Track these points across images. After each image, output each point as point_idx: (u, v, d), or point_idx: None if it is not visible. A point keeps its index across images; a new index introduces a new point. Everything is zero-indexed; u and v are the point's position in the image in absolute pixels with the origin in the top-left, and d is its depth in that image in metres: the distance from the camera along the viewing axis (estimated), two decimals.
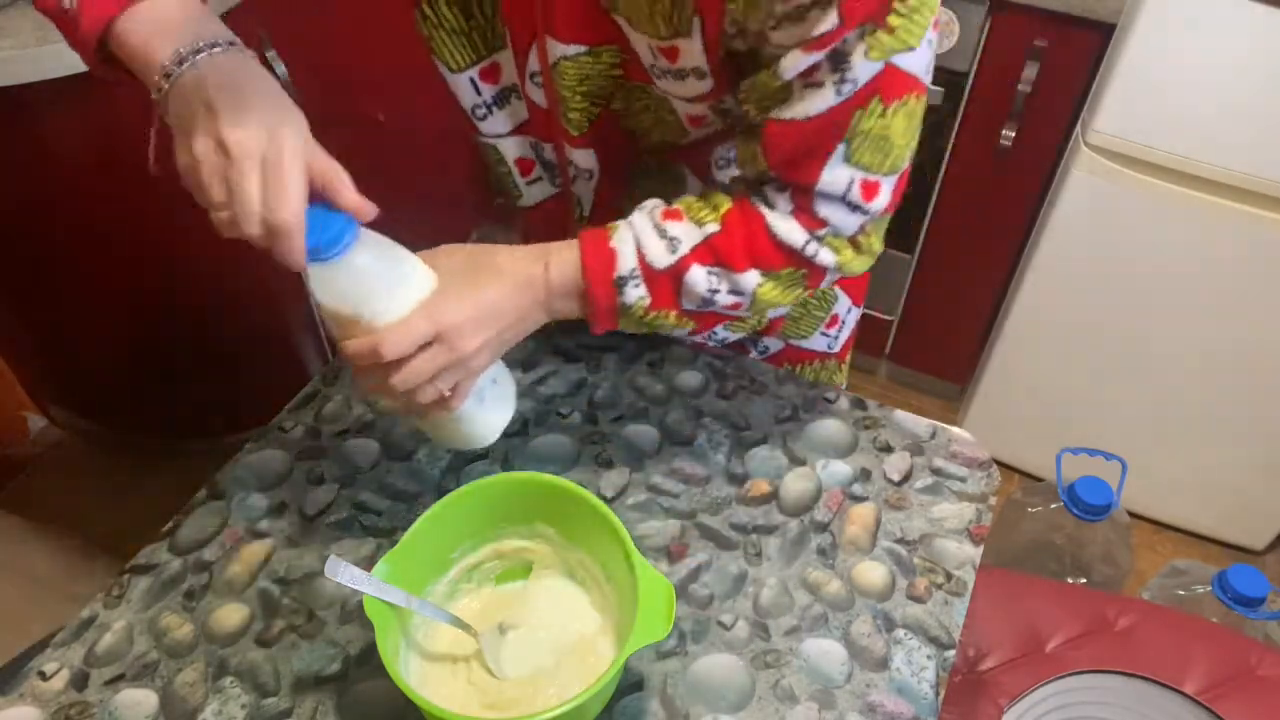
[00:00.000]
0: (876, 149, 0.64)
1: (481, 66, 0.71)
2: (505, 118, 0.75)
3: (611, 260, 0.67)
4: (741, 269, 0.68)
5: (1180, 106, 1.39)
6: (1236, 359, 1.60)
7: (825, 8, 0.56)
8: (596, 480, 0.84)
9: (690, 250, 0.67)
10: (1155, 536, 1.90)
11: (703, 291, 0.68)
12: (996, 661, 1.06)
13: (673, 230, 0.67)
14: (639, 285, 0.67)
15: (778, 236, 0.67)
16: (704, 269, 0.67)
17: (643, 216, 0.68)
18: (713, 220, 0.68)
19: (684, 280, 0.67)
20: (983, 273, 1.86)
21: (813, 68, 0.59)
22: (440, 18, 0.68)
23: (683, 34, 0.62)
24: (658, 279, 0.67)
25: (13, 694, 0.68)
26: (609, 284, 0.67)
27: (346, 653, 0.71)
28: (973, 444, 0.89)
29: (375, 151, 1.90)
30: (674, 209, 0.69)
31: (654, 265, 0.67)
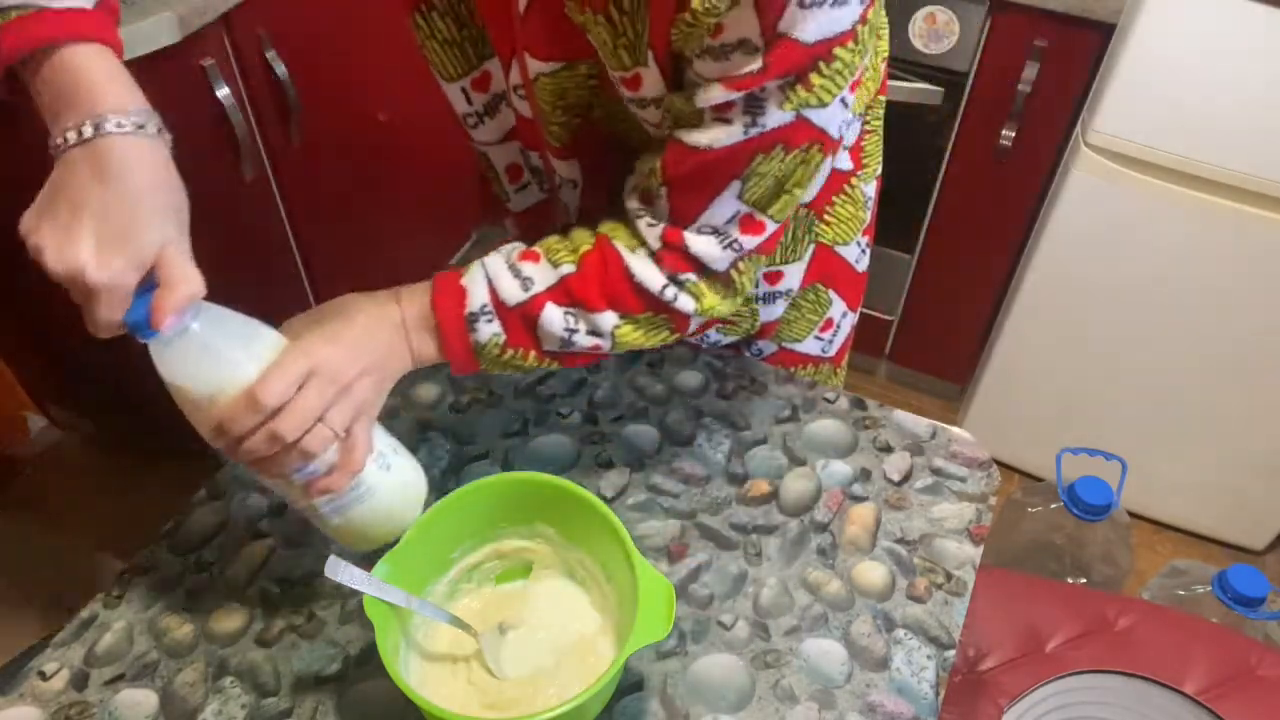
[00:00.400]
0: (769, 190, 0.64)
1: (473, 76, 0.71)
2: (495, 126, 0.76)
3: (462, 297, 0.66)
4: (598, 309, 0.67)
5: (1180, 106, 1.39)
6: (1236, 359, 1.60)
7: (750, 52, 0.56)
8: (596, 480, 0.84)
9: (544, 289, 0.67)
10: (1155, 536, 1.90)
11: (559, 331, 0.67)
12: (996, 661, 1.06)
13: (527, 270, 0.67)
14: (491, 321, 0.67)
15: (635, 279, 0.66)
16: (559, 308, 0.67)
17: (497, 257, 0.68)
18: (569, 261, 0.67)
19: (539, 319, 0.67)
20: (983, 273, 1.86)
21: (727, 104, 0.59)
22: (433, 28, 0.68)
23: (641, 64, 0.63)
24: (511, 316, 0.67)
25: (13, 694, 0.68)
26: (460, 320, 0.67)
27: (346, 653, 0.71)
28: (973, 444, 0.89)
29: (375, 151, 1.91)
30: (532, 250, 0.69)
31: (506, 302, 0.67)
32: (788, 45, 0.56)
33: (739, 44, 0.57)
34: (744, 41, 0.56)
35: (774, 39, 0.56)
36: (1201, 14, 1.31)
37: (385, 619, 0.62)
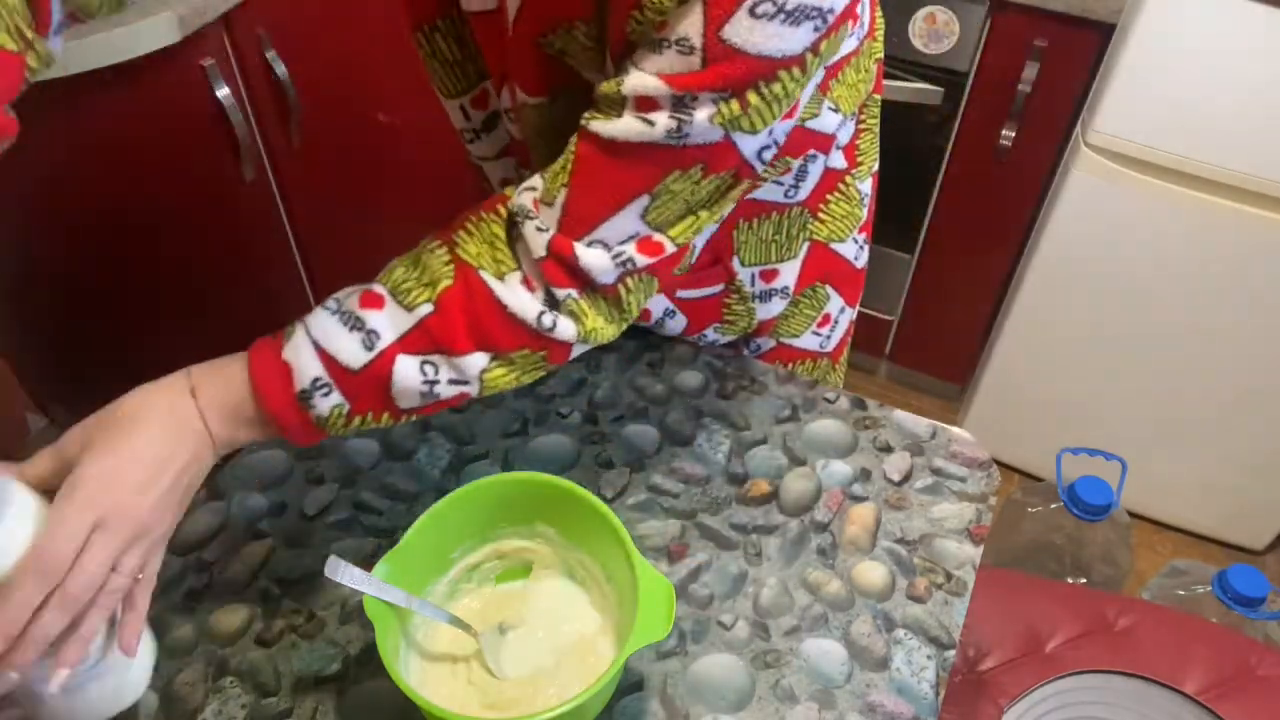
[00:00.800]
0: (676, 212, 0.59)
1: (472, 95, 0.71)
2: (492, 141, 0.75)
3: (286, 375, 0.58)
4: (463, 351, 0.60)
5: (1180, 106, 1.39)
6: (1236, 359, 1.60)
7: (686, 52, 0.53)
8: (596, 480, 0.84)
9: (396, 339, 0.59)
10: (1155, 536, 1.90)
11: (416, 386, 0.60)
12: (996, 661, 1.06)
13: (372, 321, 0.59)
14: (330, 393, 0.59)
15: (508, 310, 0.59)
16: (415, 359, 0.59)
17: (324, 315, 0.60)
18: (426, 300, 0.59)
19: (391, 376, 0.59)
20: (983, 273, 1.86)
21: (653, 99, 0.55)
22: (435, 47, 0.68)
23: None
24: (353, 380, 0.59)
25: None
26: (291, 403, 0.59)
27: (346, 653, 0.71)
28: (973, 444, 0.89)
29: (375, 151, 1.91)
30: (376, 294, 0.60)
31: (349, 366, 0.59)
32: (730, 54, 0.52)
33: (679, 40, 0.53)
34: (683, 40, 0.53)
35: (716, 45, 0.53)
36: (1201, 14, 1.31)
37: (385, 619, 0.62)
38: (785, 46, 0.52)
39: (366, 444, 0.86)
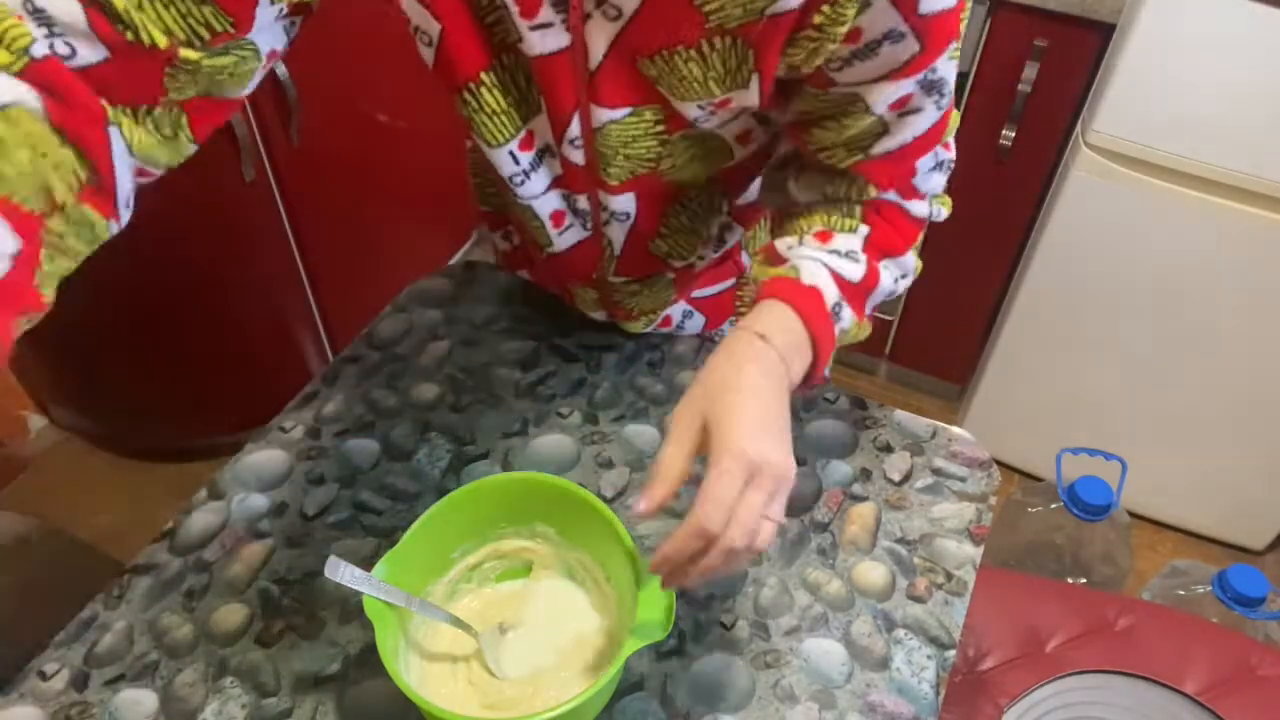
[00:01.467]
0: None
1: (520, 139, 0.70)
2: (541, 178, 0.74)
3: (819, 297, 0.65)
4: (903, 252, 0.71)
5: (1180, 106, 1.39)
6: (1236, 359, 1.60)
7: (897, 40, 0.57)
8: (596, 480, 0.84)
9: (865, 252, 0.68)
10: (1155, 536, 1.90)
11: (889, 286, 0.71)
12: (996, 661, 1.06)
13: (842, 246, 0.68)
14: (845, 306, 0.67)
15: (911, 213, 0.70)
16: (881, 265, 0.69)
17: (807, 249, 0.67)
18: (861, 224, 0.69)
19: (876, 286, 0.69)
20: (983, 273, 1.86)
21: (904, 96, 0.61)
22: (481, 102, 0.67)
23: (736, 87, 0.63)
24: (855, 292, 0.68)
25: (13, 694, 0.68)
26: (828, 319, 0.65)
27: (346, 653, 0.71)
28: (973, 444, 0.89)
29: (375, 151, 1.90)
30: (820, 231, 0.69)
31: (851, 280, 0.67)
32: (938, 19, 0.57)
33: (885, 35, 0.57)
34: (890, 32, 0.57)
35: (919, 21, 0.57)
36: (1201, 14, 1.31)
37: (385, 619, 0.62)
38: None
39: (366, 444, 0.86)
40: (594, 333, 0.97)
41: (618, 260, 0.84)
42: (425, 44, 0.64)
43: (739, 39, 0.59)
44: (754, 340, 0.61)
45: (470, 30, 0.63)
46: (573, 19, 0.62)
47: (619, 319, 0.95)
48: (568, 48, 0.63)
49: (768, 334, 0.61)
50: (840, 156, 0.66)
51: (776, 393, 0.59)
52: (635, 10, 0.60)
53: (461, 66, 0.65)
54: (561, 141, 0.70)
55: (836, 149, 0.66)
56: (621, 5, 0.60)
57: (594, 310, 0.94)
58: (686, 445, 0.57)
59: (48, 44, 0.48)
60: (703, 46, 0.60)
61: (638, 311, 0.93)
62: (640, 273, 0.87)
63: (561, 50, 0.63)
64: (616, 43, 0.62)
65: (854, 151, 0.65)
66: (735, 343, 0.61)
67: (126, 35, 0.50)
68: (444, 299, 1.02)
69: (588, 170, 0.73)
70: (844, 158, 0.65)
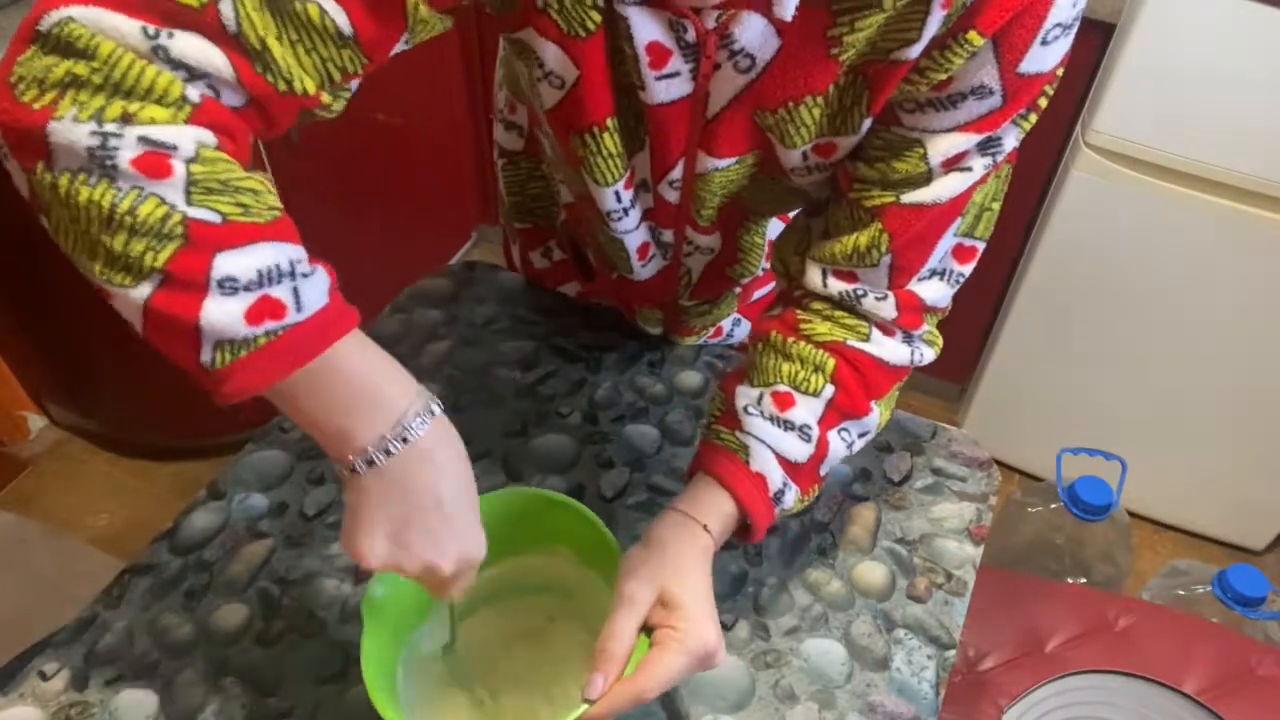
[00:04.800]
0: (976, 215, 0.65)
1: (625, 177, 0.70)
2: (636, 214, 0.74)
3: (762, 484, 0.65)
4: (866, 414, 0.68)
5: (1180, 106, 1.39)
6: (1236, 359, 1.60)
7: (984, 96, 0.56)
8: (596, 480, 0.84)
9: (818, 426, 0.66)
10: (1155, 536, 1.90)
11: (842, 453, 0.68)
12: (996, 661, 1.06)
13: (797, 417, 0.66)
14: (790, 486, 0.66)
15: (889, 365, 0.67)
16: (837, 433, 0.67)
17: (760, 421, 0.66)
18: (828, 384, 0.66)
19: (825, 457, 0.67)
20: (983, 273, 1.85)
21: (962, 153, 0.59)
22: (600, 145, 0.66)
23: (845, 133, 0.62)
24: (802, 471, 0.66)
25: (13, 694, 0.68)
26: (769, 508, 0.66)
27: (346, 653, 0.71)
28: (973, 444, 0.89)
29: (375, 151, 1.91)
30: (782, 393, 0.66)
31: (798, 462, 0.66)
32: (1029, 80, 0.57)
33: (973, 90, 0.56)
34: (980, 88, 0.56)
35: (1014, 80, 0.56)
36: (1201, 14, 1.31)
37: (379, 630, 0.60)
38: (1066, 48, 0.57)
39: None
40: (594, 333, 0.97)
41: (694, 287, 0.85)
42: (555, 87, 0.62)
43: (861, 76, 0.58)
44: (698, 531, 0.63)
45: (604, 79, 0.62)
46: (703, 69, 0.60)
47: (680, 335, 0.96)
48: (688, 96, 0.62)
49: (710, 525, 0.64)
50: (874, 195, 0.63)
51: (709, 577, 0.63)
52: (769, 62, 0.58)
53: (589, 113, 0.64)
54: (660, 181, 0.70)
55: (873, 187, 0.63)
56: (755, 55, 0.58)
57: (654, 327, 0.95)
58: (638, 617, 0.58)
59: (196, 91, 0.48)
60: (829, 90, 0.60)
61: (699, 327, 0.94)
62: (713, 294, 0.88)
63: (682, 98, 0.62)
64: (740, 95, 0.61)
65: (887, 191, 0.62)
66: (682, 527, 0.63)
67: (279, 85, 0.50)
68: (444, 299, 1.01)
69: (679, 210, 0.73)
70: (876, 196, 0.63)
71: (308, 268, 0.51)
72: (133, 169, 0.45)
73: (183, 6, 0.46)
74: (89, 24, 0.45)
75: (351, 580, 0.76)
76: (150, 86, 0.46)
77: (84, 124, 0.45)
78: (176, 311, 0.47)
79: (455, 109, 2.05)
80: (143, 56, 0.46)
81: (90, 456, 1.93)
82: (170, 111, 0.47)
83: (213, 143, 0.49)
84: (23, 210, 0.56)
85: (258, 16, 0.48)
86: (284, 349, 0.49)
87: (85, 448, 1.94)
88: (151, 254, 0.46)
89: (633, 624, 0.58)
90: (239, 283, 0.47)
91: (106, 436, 1.93)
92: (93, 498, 1.82)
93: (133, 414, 1.86)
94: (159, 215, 0.46)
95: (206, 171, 0.47)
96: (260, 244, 0.48)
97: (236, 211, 0.48)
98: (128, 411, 1.86)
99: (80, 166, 0.46)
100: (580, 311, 0.99)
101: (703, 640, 0.58)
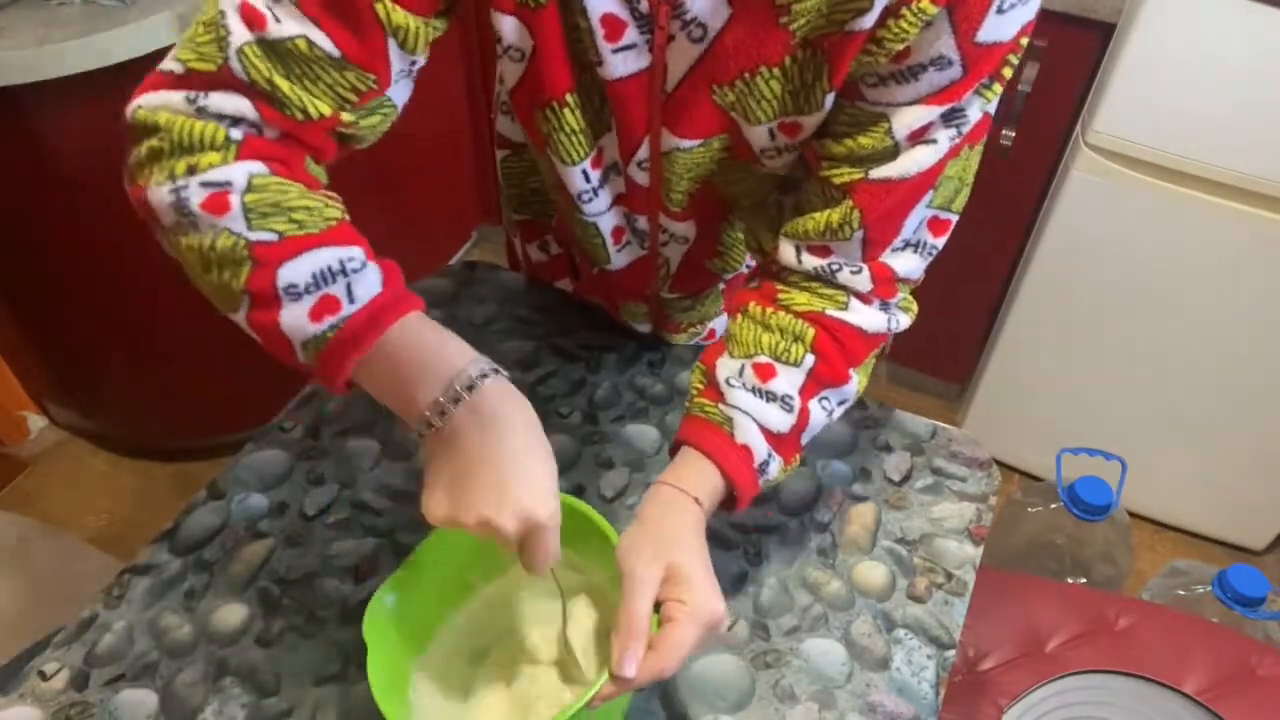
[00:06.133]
0: (952, 188, 0.65)
1: (592, 156, 0.71)
2: (606, 195, 0.75)
3: (747, 456, 0.66)
4: (845, 381, 0.68)
5: (1180, 106, 1.39)
6: (1236, 359, 1.60)
7: (944, 67, 0.57)
8: (596, 480, 0.84)
9: (799, 396, 0.66)
10: (1155, 536, 1.90)
11: (822, 422, 0.69)
12: (996, 661, 1.06)
13: (778, 387, 0.66)
14: (773, 457, 0.67)
15: (867, 333, 0.68)
16: (817, 403, 0.68)
17: (742, 392, 0.66)
18: (808, 353, 0.67)
19: (807, 426, 0.68)
20: (983, 273, 1.86)
21: (926, 125, 0.60)
22: (561, 121, 0.67)
23: (806, 110, 0.63)
24: (784, 441, 0.67)
25: (13, 694, 0.68)
26: (754, 478, 0.66)
27: (346, 653, 0.71)
28: (973, 444, 0.89)
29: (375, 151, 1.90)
30: (763, 364, 0.67)
31: (781, 433, 0.66)
32: (986, 50, 0.57)
33: (933, 61, 0.57)
34: (939, 58, 0.57)
35: (972, 49, 0.56)
36: (1201, 14, 1.31)
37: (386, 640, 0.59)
38: (1025, 17, 0.57)
39: (366, 444, 0.86)
40: (594, 333, 0.97)
41: (673, 278, 0.84)
42: (515, 60, 0.65)
43: (819, 50, 0.59)
44: (690, 504, 0.63)
45: (561, 51, 0.63)
46: (657, 40, 0.62)
47: (667, 331, 0.96)
48: (646, 69, 0.63)
49: (700, 498, 0.64)
50: (843, 172, 0.64)
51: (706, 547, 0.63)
52: (720, 30, 0.60)
53: (548, 86, 0.65)
54: (629, 162, 0.71)
55: (840, 164, 0.64)
56: (707, 24, 0.60)
57: (641, 324, 0.95)
58: (651, 594, 0.58)
59: (239, 131, 0.55)
60: (785, 62, 0.60)
61: (686, 324, 0.94)
62: (694, 288, 0.88)
63: (640, 72, 0.64)
64: (696, 67, 0.62)
65: (856, 168, 0.63)
66: (674, 501, 0.64)
67: (296, 116, 0.56)
68: (444, 299, 1.02)
69: (650, 192, 0.74)
70: (845, 173, 0.64)
71: (360, 264, 0.56)
72: (203, 211, 0.54)
73: (206, 72, 0.54)
74: (150, 106, 0.55)
75: (352, 580, 0.76)
76: (201, 138, 0.54)
77: (164, 185, 0.54)
78: (266, 323, 0.55)
79: (455, 109, 2.05)
80: (191, 116, 0.54)
81: (90, 456, 1.93)
82: (220, 154, 0.54)
83: (264, 170, 0.55)
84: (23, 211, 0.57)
85: (260, 62, 0.54)
86: (347, 337, 0.54)
87: (85, 448, 1.94)
88: (235, 280, 0.54)
89: (647, 602, 0.58)
90: (299, 287, 0.54)
91: (106, 436, 1.93)
92: (93, 498, 1.82)
93: (133, 414, 1.86)
94: (229, 245, 0.54)
95: (259, 198, 0.54)
96: (315, 250, 0.54)
97: (292, 228, 0.55)
98: (128, 411, 1.86)
99: (174, 222, 0.55)
100: (580, 311, 1.00)
101: (711, 609, 0.58)
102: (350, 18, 0.55)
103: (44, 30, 1.24)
